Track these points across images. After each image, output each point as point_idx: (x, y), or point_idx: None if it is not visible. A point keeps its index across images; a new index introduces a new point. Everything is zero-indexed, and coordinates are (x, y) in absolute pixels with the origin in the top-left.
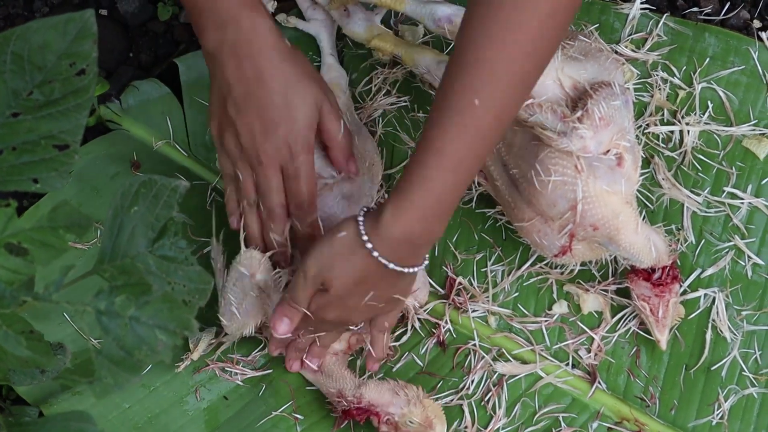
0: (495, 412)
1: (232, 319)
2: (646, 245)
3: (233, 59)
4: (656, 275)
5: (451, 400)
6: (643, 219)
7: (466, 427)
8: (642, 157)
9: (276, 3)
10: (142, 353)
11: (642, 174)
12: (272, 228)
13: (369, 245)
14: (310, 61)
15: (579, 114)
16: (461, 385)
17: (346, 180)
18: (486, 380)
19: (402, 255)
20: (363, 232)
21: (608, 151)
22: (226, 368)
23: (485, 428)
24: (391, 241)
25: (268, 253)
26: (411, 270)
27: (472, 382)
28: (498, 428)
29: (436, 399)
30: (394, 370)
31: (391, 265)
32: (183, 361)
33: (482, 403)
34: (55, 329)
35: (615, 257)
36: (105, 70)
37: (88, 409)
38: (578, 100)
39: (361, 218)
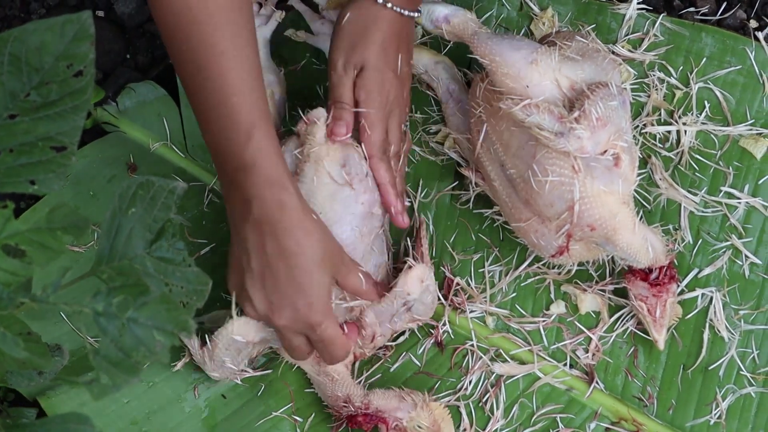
0: (493, 413)
1: (226, 371)
2: (643, 245)
3: (256, 234)
4: (653, 275)
5: (449, 401)
6: (641, 219)
7: (464, 429)
8: (639, 157)
9: (284, 13)
10: (140, 354)
11: (639, 174)
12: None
13: (385, 1)
14: (329, 230)
15: (576, 114)
16: (459, 386)
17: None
18: (484, 381)
19: (406, 3)
20: None
21: (605, 151)
22: None
23: (483, 429)
24: None
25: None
26: (416, 14)
27: (470, 382)
28: (496, 429)
29: (434, 400)
30: (392, 370)
31: (406, 12)
32: (181, 359)
33: (480, 404)
34: (50, 328)
35: (612, 257)
36: (102, 72)
37: (86, 403)
38: (575, 101)
39: None
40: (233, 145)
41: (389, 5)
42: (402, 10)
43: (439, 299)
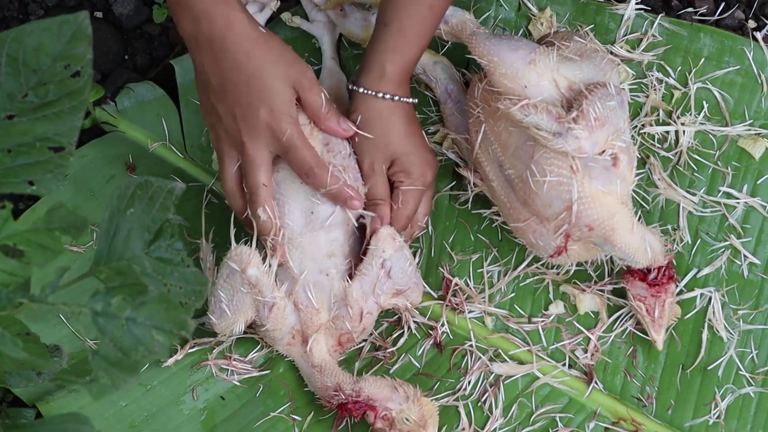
0: (492, 412)
1: (222, 317)
2: (641, 245)
3: (209, 51)
4: (652, 275)
5: (448, 401)
6: (639, 219)
7: (463, 429)
8: (637, 157)
9: (279, 2)
10: (139, 354)
11: (637, 174)
12: (254, 209)
13: (393, 96)
14: (286, 45)
15: (574, 114)
16: (458, 386)
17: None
18: (483, 381)
19: (405, 91)
20: (382, 94)
21: (603, 151)
22: (223, 367)
23: (482, 428)
24: (398, 85)
25: (254, 243)
26: (416, 100)
27: (469, 383)
28: (495, 428)
29: (433, 400)
30: (392, 371)
31: (410, 99)
32: (173, 356)
33: (479, 404)
34: (51, 331)
35: (611, 257)
36: (100, 73)
37: (85, 407)
38: (573, 101)
39: (367, 91)
40: None
41: (396, 98)
42: (407, 99)
43: (437, 298)
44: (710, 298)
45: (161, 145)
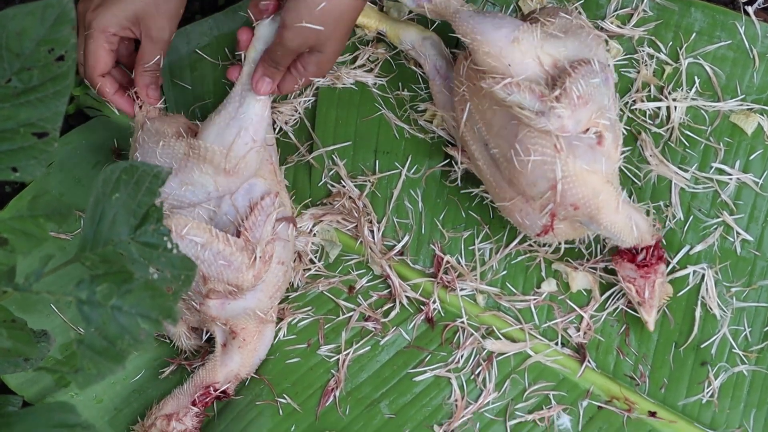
0: (485, 386)
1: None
2: (627, 224)
3: None
4: (641, 257)
5: (440, 372)
6: (631, 196)
7: (456, 400)
8: (625, 134)
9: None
10: (125, 342)
11: (627, 151)
12: None
13: None
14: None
15: (557, 93)
16: (450, 359)
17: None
18: (475, 356)
19: None
20: None
21: (587, 129)
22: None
23: (475, 401)
24: None
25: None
26: None
27: (462, 356)
28: (488, 402)
29: (424, 372)
30: (382, 343)
31: None
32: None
33: (472, 377)
34: (42, 320)
35: None
36: None
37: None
38: (558, 79)
39: None
40: None
41: None
42: None
43: (428, 275)
44: (703, 276)
45: None
